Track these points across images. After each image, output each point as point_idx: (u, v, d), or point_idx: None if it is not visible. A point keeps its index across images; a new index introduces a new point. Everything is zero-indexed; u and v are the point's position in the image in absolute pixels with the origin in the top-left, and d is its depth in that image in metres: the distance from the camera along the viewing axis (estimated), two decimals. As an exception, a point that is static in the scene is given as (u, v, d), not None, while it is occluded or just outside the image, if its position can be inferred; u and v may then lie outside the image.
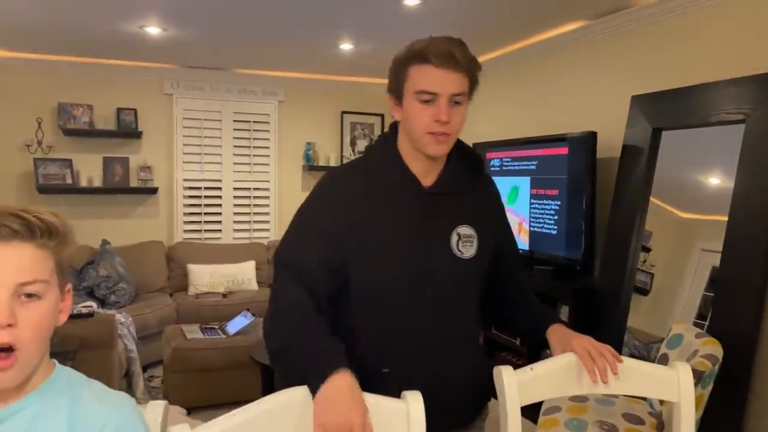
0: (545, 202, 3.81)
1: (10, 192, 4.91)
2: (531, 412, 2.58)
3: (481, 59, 1.37)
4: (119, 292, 4.63)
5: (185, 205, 5.45)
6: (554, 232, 3.72)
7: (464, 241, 1.36)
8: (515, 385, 1.21)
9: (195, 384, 3.56)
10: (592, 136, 3.42)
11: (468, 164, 1.44)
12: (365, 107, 5.98)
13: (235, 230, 5.61)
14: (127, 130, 5.18)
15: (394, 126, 1.41)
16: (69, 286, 0.94)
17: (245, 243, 5.52)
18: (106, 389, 0.96)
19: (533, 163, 3.94)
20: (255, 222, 5.70)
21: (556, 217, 3.71)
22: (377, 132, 6.04)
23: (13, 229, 0.84)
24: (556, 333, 1.37)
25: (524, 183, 4.02)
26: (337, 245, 1.29)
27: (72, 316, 3.27)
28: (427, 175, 1.37)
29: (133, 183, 5.24)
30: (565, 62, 4.07)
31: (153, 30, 4.05)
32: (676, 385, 1.26)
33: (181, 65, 5.25)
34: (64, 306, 0.93)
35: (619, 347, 3.12)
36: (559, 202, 3.68)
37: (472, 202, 1.41)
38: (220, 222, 5.56)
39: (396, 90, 1.33)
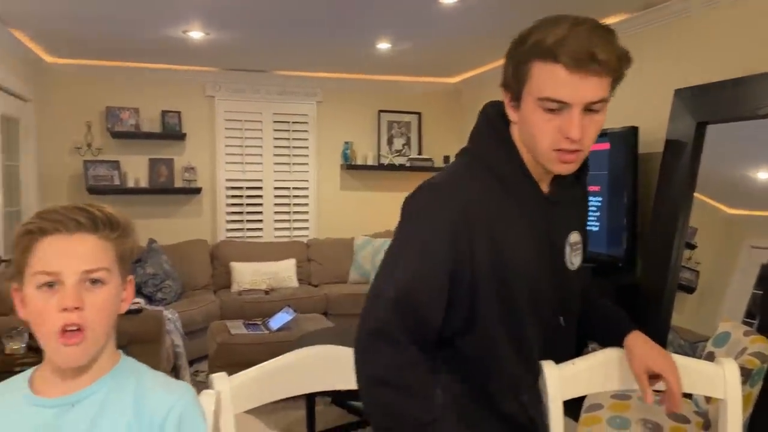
0: (590, 199, 3.77)
1: (62, 193, 5.11)
2: (573, 409, 2.57)
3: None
4: (166, 289, 4.78)
5: (228, 205, 5.58)
6: (596, 229, 3.67)
7: (574, 250, 1.18)
8: (557, 379, 1.21)
9: (239, 379, 3.64)
10: (633, 131, 3.37)
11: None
12: (402, 106, 6.00)
13: (276, 229, 5.72)
14: (172, 132, 5.33)
15: (500, 113, 1.14)
16: (131, 277, 1.00)
17: (285, 241, 5.61)
18: (169, 378, 1.02)
19: (573, 159, 3.90)
20: (295, 221, 5.79)
21: (597, 214, 3.67)
22: (414, 130, 6.06)
23: (79, 222, 0.91)
24: (636, 345, 1.19)
25: (564, 179, 3.99)
26: (464, 273, 1.06)
27: (122, 312, 3.40)
28: (542, 180, 1.14)
29: (178, 183, 5.39)
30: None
31: (196, 34, 4.16)
32: (722, 381, 1.25)
33: (223, 68, 5.38)
34: (126, 295, 0.99)
35: (662, 345, 3.07)
36: (600, 199, 3.64)
37: (577, 206, 1.24)
38: (261, 221, 5.68)
39: (512, 88, 1.06)
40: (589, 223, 3.70)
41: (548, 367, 1.23)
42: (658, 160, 3.30)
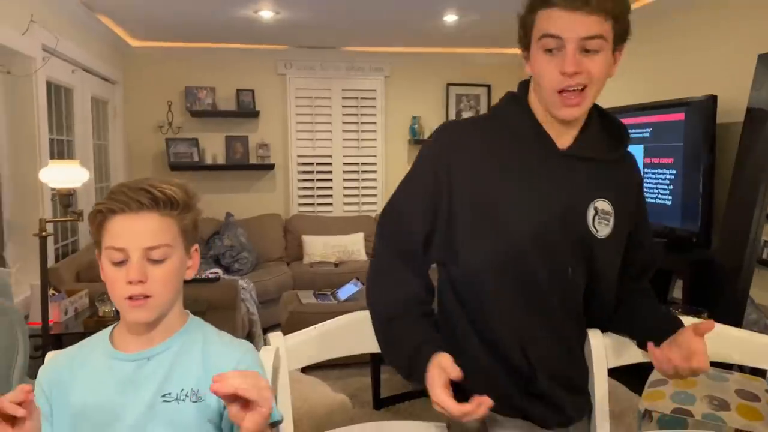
0: (660, 171, 3.63)
1: (146, 170, 5.44)
2: (635, 384, 2.53)
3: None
4: (242, 261, 5.03)
5: (299, 180, 5.76)
6: (669, 203, 3.55)
7: (601, 218, 1.16)
8: (602, 347, 1.23)
9: (309, 346, 3.82)
10: (711, 100, 3.20)
11: (610, 132, 1.23)
12: (471, 78, 5.94)
13: (345, 203, 5.85)
14: (246, 110, 5.54)
15: (525, 84, 1.22)
16: (196, 246, 1.10)
17: (354, 215, 5.74)
18: (232, 337, 1.13)
19: (647, 130, 3.76)
20: (363, 195, 5.90)
21: (671, 187, 3.53)
22: (483, 103, 5.99)
23: (141, 202, 1.01)
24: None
25: (637, 152, 3.84)
26: (441, 203, 1.17)
27: (201, 281, 3.63)
28: (561, 136, 1.17)
29: (252, 160, 5.61)
30: (684, 21, 3.81)
31: (266, 14, 4.28)
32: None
33: (293, 46, 5.50)
34: (191, 263, 1.10)
35: (738, 322, 2.96)
36: (674, 171, 3.50)
37: (614, 175, 1.20)
38: (331, 196, 5.83)
39: (523, 40, 1.14)
40: (661, 196, 3.57)
41: (594, 335, 1.24)
42: (738, 130, 3.13)
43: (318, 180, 5.79)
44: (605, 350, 1.23)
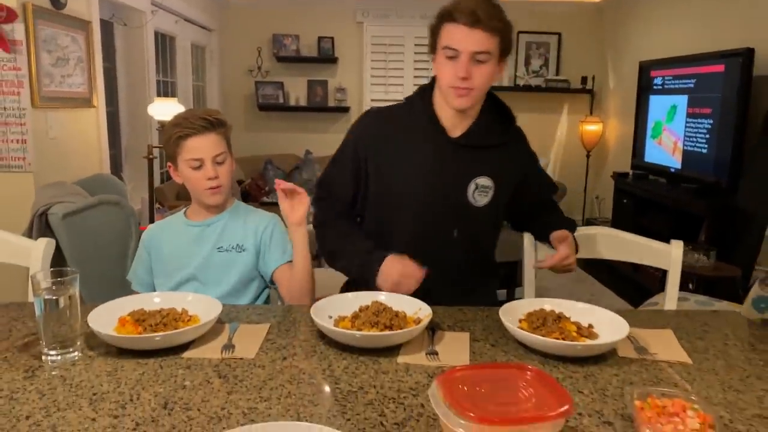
0: (699, 121, 3.80)
1: (238, 110, 6.13)
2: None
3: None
4: (316, 193, 5.64)
5: (372, 122, 6.24)
6: (704, 152, 3.73)
7: (480, 191, 1.47)
8: (533, 245, 1.66)
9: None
10: (748, 53, 3.32)
11: (500, 118, 1.53)
12: (541, 26, 6.08)
13: (414, 145, 6.29)
14: (326, 56, 6.04)
15: (434, 80, 1.50)
16: (230, 154, 1.63)
17: (421, 157, 6.19)
18: (264, 211, 1.65)
19: (691, 81, 3.90)
20: (431, 138, 6.31)
21: (707, 137, 3.70)
22: (553, 52, 6.14)
23: (204, 126, 1.53)
24: (560, 234, 1.49)
25: (682, 102, 4.00)
26: (361, 174, 1.51)
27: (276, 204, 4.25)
28: (456, 126, 1.47)
29: (331, 103, 6.15)
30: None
31: (341, -32, 4.70)
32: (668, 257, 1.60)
33: (370, -5, 5.89)
34: (233, 166, 1.63)
35: (750, 264, 3.19)
36: (711, 122, 3.66)
37: (497, 156, 1.49)
38: (401, 137, 6.28)
39: (431, 45, 1.43)
40: (699, 145, 3.76)
41: (526, 237, 1.68)
42: (773, 82, 3.25)
43: (389, 123, 6.25)
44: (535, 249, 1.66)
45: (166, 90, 4.73)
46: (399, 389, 0.99)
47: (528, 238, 1.68)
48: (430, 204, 1.46)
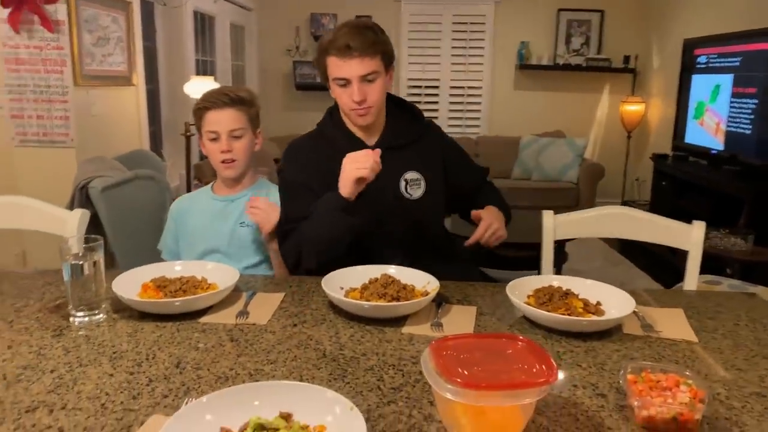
0: (744, 101, 3.67)
1: (276, 89, 6.21)
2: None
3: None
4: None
5: (408, 101, 6.23)
6: (748, 133, 3.60)
7: (412, 185, 1.55)
8: (552, 224, 1.66)
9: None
10: (796, 29, 3.19)
11: (407, 118, 1.61)
12: (583, 3, 5.93)
13: (449, 126, 6.26)
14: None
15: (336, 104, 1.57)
16: (259, 130, 1.67)
17: (457, 136, 6.14)
18: None
19: (737, 59, 3.76)
20: (467, 118, 6.27)
21: (752, 117, 3.58)
22: (594, 29, 5.99)
23: (224, 101, 1.58)
24: (486, 209, 1.54)
25: (726, 81, 3.87)
26: (312, 192, 1.48)
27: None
28: (371, 136, 1.56)
29: (367, 81, 6.15)
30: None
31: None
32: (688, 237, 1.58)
33: (408, -27, 5.84)
34: (257, 140, 1.68)
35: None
36: (756, 102, 3.53)
37: (416, 151, 1.58)
38: (437, 117, 6.25)
39: (323, 76, 1.52)
40: (743, 126, 3.64)
41: (546, 215, 1.68)
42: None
43: (425, 102, 6.23)
44: (554, 228, 1.66)
45: (205, 69, 4.83)
46: (400, 357, 1.02)
47: (547, 217, 1.67)
48: (372, 206, 1.46)
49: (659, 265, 4.18)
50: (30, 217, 1.66)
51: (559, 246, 3.64)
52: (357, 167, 1.34)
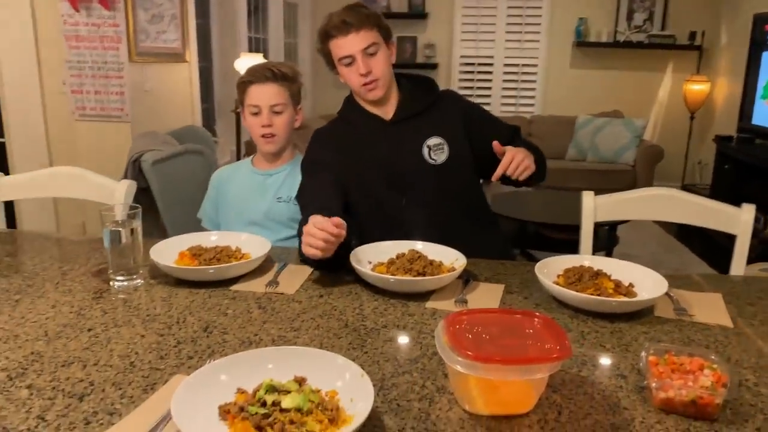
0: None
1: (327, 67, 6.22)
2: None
3: None
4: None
5: (460, 80, 6.15)
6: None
7: (435, 150, 1.55)
8: (592, 205, 1.62)
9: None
10: None
11: (421, 88, 1.62)
12: (647, -23, 5.66)
13: (502, 104, 6.15)
14: (417, 12, 5.97)
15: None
16: (300, 106, 1.69)
17: (509, 116, 6.02)
18: None
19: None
20: (521, 97, 6.13)
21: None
22: (659, 4, 5.71)
23: (266, 76, 1.60)
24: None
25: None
26: (328, 170, 1.52)
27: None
28: (387, 111, 1.58)
29: (419, 59, 6.10)
30: None
31: None
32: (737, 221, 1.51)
33: (463, -52, 5.72)
34: (298, 117, 1.69)
35: None
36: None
37: (436, 117, 1.58)
38: (489, 96, 6.15)
39: (329, 64, 1.57)
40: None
41: (586, 195, 1.63)
42: None
43: (478, 81, 6.13)
44: (594, 209, 1.61)
45: (257, 47, 4.89)
46: (420, 330, 1.03)
47: (587, 197, 1.63)
48: (397, 176, 1.52)
49: (716, 250, 4.01)
50: (83, 187, 1.75)
51: (610, 229, 3.53)
52: (308, 243, 1.19)
